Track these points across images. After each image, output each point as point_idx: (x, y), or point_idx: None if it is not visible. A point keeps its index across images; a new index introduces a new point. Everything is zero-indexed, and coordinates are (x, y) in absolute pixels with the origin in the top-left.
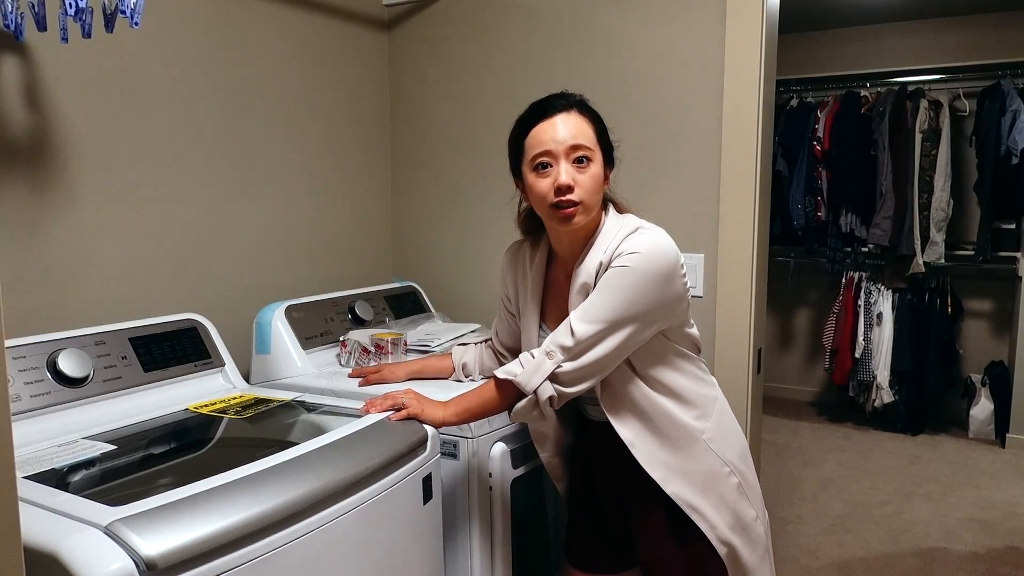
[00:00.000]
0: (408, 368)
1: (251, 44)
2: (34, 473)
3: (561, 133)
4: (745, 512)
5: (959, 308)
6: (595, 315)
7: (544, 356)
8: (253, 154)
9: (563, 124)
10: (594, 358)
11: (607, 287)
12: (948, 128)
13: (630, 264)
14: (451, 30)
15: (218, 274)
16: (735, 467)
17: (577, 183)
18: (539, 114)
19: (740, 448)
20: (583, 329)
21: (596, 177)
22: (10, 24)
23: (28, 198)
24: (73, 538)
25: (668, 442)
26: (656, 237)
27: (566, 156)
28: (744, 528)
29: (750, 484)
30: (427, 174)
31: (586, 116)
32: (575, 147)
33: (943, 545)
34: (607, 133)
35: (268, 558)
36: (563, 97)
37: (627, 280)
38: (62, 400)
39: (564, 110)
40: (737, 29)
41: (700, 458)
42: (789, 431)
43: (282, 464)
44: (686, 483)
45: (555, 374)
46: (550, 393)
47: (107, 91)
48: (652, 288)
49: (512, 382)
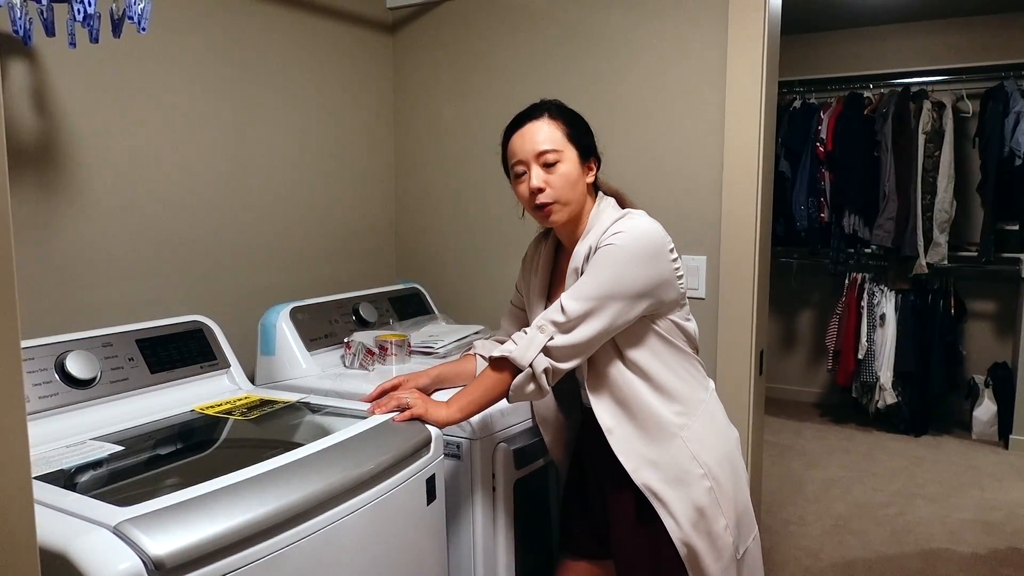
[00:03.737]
0: (431, 375)
1: (256, 48)
2: (43, 474)
3: (529, 142)
4: (713, 518)
5: (962, 309)
6: (584, 292)
7: (536, 331)
8: (258, 156)
9: (531, 133)
10: (585, 334)
11: (595, 266)
12: (951, 129)
13: (615, 242)
14: (454, 33)
15: (223, 276)
16: (709, 471)
17: (548, 184)
18: (514, 126)
19: (721, 455)
20: (573, 306)
21: (566, 175)
22: (19, 29)
23: (36, 200)
24: (82, 538)
25: (645, 433)
26: (641, 220)
27: (536, 161)
28: (710, 534)
29: (725, 491)
30: (431, 176)
31: (557, 120)
32: (542, 152)
33: (946, 546)
34: (583, 130)
35: (274, 558)
36: (536, 107)
37: (612, 257)
38: (70, 401)
39: (535, 118)
40: (740, 30)
41: (675, 454)
42: (792, 432)
43: (287, 465)
44: (657, 476)
45: (548, 348)
46: (545, 366)
47: (114, 95)
48: (637, 265)
49: (508, 359)
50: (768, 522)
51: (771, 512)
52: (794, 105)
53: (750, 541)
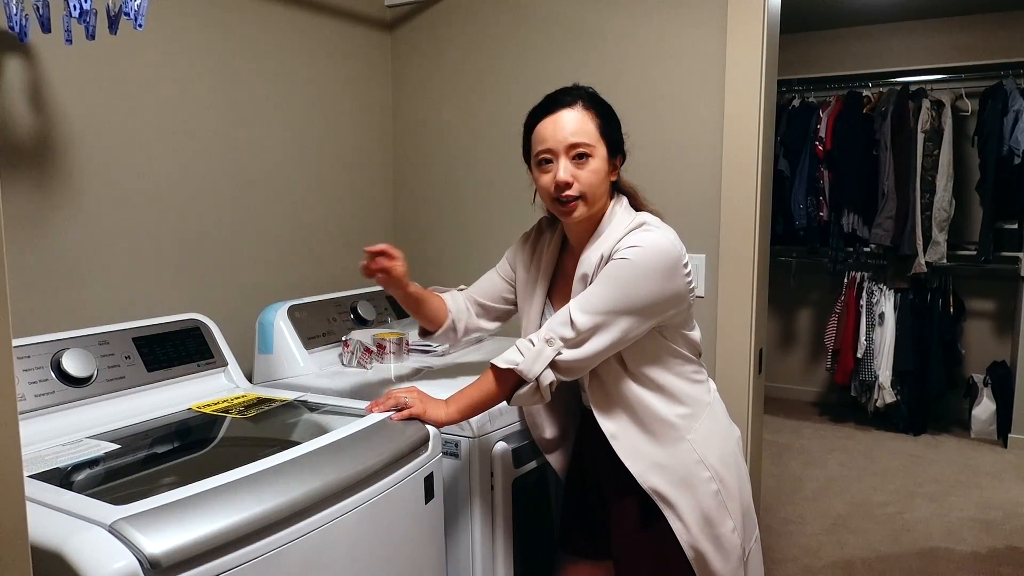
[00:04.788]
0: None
1: (254, 45)
2: (39, 472)
3: (561, 131)
4: (720, 521)
5: (961, 308)
6: (594, 306)
7: (544, 343)
8: (256, 154)
9: (564, 122)
10: (593, 348)
11: (607, 278)
12: (950, 128)
13: (630, 257)
14: (453, 31)
15: (221, 274)
16: (716, 472)
17: (576, 179)
18: (545, 110)
19: (726, 456)
20: (582, 320)
21: (597, 171)
22: (14, 26)
23: (32, 198)
24: (78, 537)
25: (651, 435)
26: (660, 234)
27: (566, 153)
28: (717, 537)
29: (731, 493)
30: (429, 174)
31: (592, 110)
32: (574, 145)
33: (945, 545)
34: (615, 125)
35: (270, 557)
36: (569, 92)
37: (626, 273)
38: (66, 399)
39: (568, 106)
40: (739, 29)
41: (682, 457)
42: (791, 431)
43: (284, 464)
44: (664, 479)
45: (555, 362)
46: (551, 380)
47: (110, 92)
48: (651, 282)
49: (513, 371)
50: (767, 521)
51: (770, 511)
52: (793, 104)
53: (752, 542)
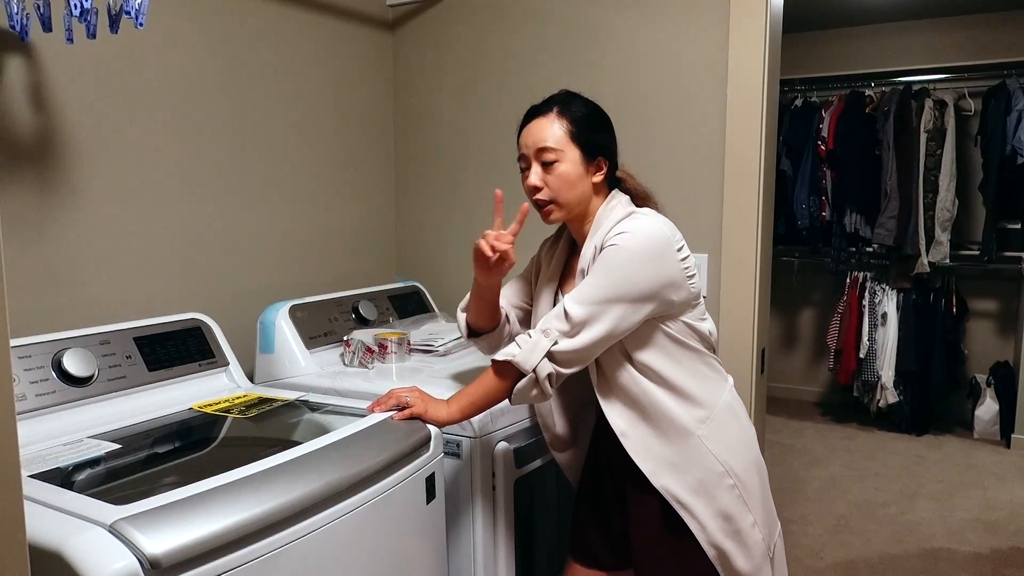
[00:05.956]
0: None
1: (255, 44)
2: (39, 472)
3: (531, 138)
4: (741, 517)
5: (964, 308)
6: (587, 296)
7: (540, 335)
8: (257, 154)
9: (535, 129)
10: (589, 338)
11: (598, 268)
12: (953, 128)
13: (618, 243)
14: (455, 30)
15: (222, 274)
16: (731, 469)
17: (545, 183)
18: (525, 118)
19: (743, 452)
20: (575, 310)
21: (564, 176)
22: (15, 25)
23: (33, 198)
24: (78, 537)
25: (662, 433)
26: (647, 220)
27: (536, 159)
28: (738, 533)
29: (750, 490)
30: (431, 173)
31: (564, 117)
32: (541, 150)
33: (947, 546)
34: (595, 128)
35: (271, 557)
36: (548, 100)
37: (616, 259)
38: (67, 399)
39: (543, 114)
40: (741, 28)
41: (694, 455)
42: (793, 431)
43: (286, 463)
44: (677, 479)
45: (552, 352)
46: (549, 371)
47: (112, 91)
48: (641, 266)
49: (511, 363)
50: None
51: None
52: (795, 104)
53: (776, 537)
